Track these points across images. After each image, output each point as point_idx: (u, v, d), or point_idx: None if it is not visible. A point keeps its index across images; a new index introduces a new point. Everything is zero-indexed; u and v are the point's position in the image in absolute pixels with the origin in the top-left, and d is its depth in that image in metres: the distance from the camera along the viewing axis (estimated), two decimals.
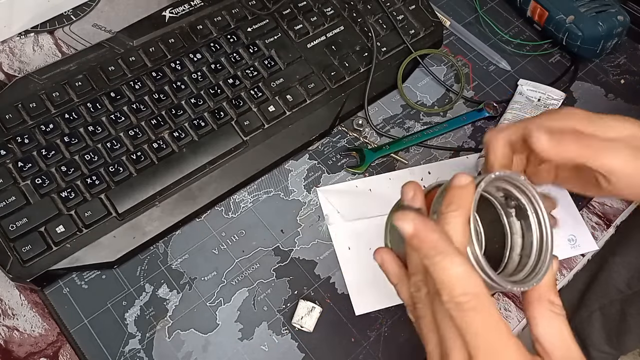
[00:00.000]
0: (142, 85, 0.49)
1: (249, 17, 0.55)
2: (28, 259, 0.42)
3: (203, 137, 0.49)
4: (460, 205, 0.30)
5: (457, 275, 0.28)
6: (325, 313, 0.45)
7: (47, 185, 0.44)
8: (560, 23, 0.60)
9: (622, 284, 0.68)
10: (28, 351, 0.42)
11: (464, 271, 0.28)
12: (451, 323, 0.29)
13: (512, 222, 0.35)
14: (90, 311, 0.43)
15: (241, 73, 0.52)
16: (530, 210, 0.34)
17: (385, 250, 0.36)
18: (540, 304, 0.31)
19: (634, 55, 0.63)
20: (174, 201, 0.47)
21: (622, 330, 0.72)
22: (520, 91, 0.58)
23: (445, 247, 0.28)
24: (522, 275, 0.32)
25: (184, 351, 0.43)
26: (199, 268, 0.46)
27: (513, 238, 0.35)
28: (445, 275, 0.28)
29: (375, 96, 0.56)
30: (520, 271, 0.33)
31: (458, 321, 0.28)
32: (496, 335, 0.28)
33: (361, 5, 0.59)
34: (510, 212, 0.35)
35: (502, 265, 0.35)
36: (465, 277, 0.28)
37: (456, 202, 0.30)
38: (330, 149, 0.53)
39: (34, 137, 0.45)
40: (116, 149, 0.46)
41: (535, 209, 0.33)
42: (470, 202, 0.30)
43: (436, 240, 0.29)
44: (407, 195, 0.33)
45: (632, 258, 0.66)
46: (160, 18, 0.53)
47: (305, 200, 0.50)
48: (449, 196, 0.31)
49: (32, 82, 0.48)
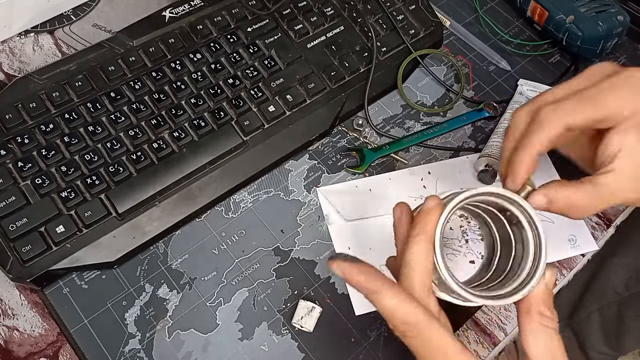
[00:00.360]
0: (142, 85, 0.49)
1: (249, 17, 0.55)
2: (28, 259, 0.42)
3: (203, 137, 0.49)
4: (423, 230, 0.32)
5: (391, 308, 0.29)
6: (325, 313, 0.45)
7: (47, 185, 0.44)
8: (560, 23, 0.60)
9: (621, 286, 0.68)
10: (28, 351, 0.42)
11: (396, 303, 0.29)
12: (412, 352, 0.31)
13: (514, 230, 0.35)
14: (90, 311, 0.43)
15: (241, 73, 0.52)
16: (523, 220, 0.34)
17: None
18: (529, 316, 0.31)
19: (634, 55, 0.63)
20: (174, 201, 0.47)
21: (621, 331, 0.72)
22: (520, 91, 0.58)
23: (374, 285, 0.30)
24: (515, 285, 0.33)
25: (184, 351, 0.43)
26: (199, 268, 0.46)
27: (516, 247, 0.35)
28: (383, 310, 0.30)
29: (375, 96, 0.56)
30: (515, 281, 0.33)
31: (411, 349, 0.30)
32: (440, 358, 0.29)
33: (361, 5, 0.59)
34: (511, 219, 0.35)
35: (504, 275, 0.35)
36: (399, 309, 0.29)
37: (419, 226, 0.32)
38: (330, 149, 0.53)
39: (34, 137, 0.45)
40: (116, 149, 0.46)
41: (528, 220, 0.33)
42: (434, 227, 0.32)
43: (363, 281, 0.30)
44: (395, 214, 0.35)
45: (631, 259, 0.66)
46: (160, 18, 0.53)
47: (305, 200, 0.50)
48: (415, 221, 0.32)
49: (32, 82, 0.48)
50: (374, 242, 0.48)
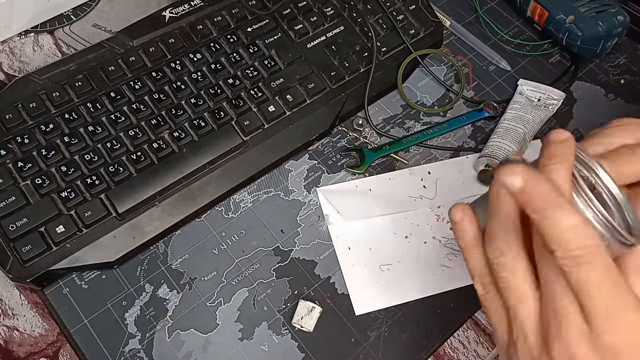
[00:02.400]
0: (142, 85, 0.49)
1: (249, 17, 0.55)
2: (28, 259, 0.42)
3: (203, 137, 0.49)
4: (564, 158, 0.27)
5: (573, 227, 0.25)
6: (325, 313, 0.45)
7: (47, 185, 0.44)
8: (560, 23, 0.60)
9: None
10: (28, 351, 0.42)
11: (579, 223, 0.25)
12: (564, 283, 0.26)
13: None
14: (90, 311, 0.43)
15: (241, 73, 0.52)
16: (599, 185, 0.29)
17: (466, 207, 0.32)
18: None
19: (634, 55, 0.63)
20: (174, 201, 0.47)
21: None
22: (520, 91, 0.58)
23: (557, 199, 0.25)
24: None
25: (184, 351, 0.43)
26: (199, 268, 0.46)
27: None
28: (560, 229, 0.25)
29: (375, 96, 0.56)
30: None
31: (574, 279, 0.25)
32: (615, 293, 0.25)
33: (361, 5, 0.59)
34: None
35: None
36: (581, 230, 0.25)
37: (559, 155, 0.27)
38: (330, 149, 0.53)
39: (34, 137, 0.45)
40: (116, 149, 0.46)
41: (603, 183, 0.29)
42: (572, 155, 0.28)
43: (547, 192, 0.26)
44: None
45: None
46: (160, 18, 0.53)
47: (305, 200, 0.50)
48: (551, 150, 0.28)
49: (32, 82, 0.48)
50: (374, 242, 0.48)
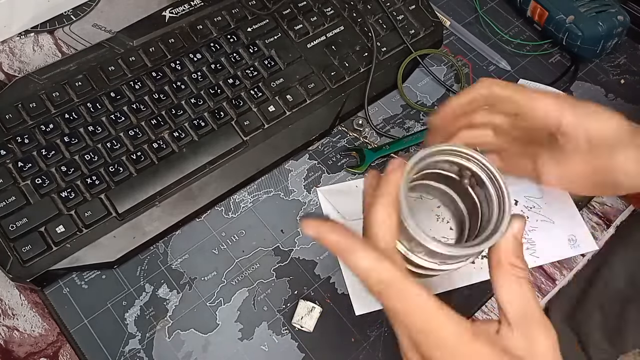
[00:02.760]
0: (142, 85, 0.49)
1: (249, 17, 0.55)
2: (28, 259, 0.42)
3: (203, 137, 0.49)
4: (386, 190, 0.31)
5: (365, 267, 0.28)
6: (325, 313, 0.45)
7: (47, 185, 0.44)
8: (560, 23, 0.60)
9: (621, 284, 0.68)
10: (28, 351, 0.42)
11: (371, 262, 0.28)
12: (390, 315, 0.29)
13: (477, 192, 0.35)
14: (90, 311, 0.43)
15: (241, 73, 0.52)
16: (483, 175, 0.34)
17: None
18: (500, 268, 0.31)
19: (634, 55, 0.63)
20: (174, 201, 0.47)
21: (622, 329, 0.72)
22: None
23: (347, 244, 0.29)
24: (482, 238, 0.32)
25: (184, 351, 0.43)
26: (199, 268, 0.46)
27: (482, 207, 0.35)
28: (358, 270, 0.29)
29: (375, 96, 0.56)
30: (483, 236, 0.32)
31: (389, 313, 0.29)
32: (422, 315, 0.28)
33: (361, 5, 0.59)
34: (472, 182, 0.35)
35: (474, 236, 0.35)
36: (374, 267, 0.28)
37: (382, 187, 0.31)
38: (330, 149, 0.53)
39: (34, 137, 0.45)
40: (116, 149, 0.46)
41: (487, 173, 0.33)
42: (396, 186, 0.31)
43: (336, 241, 0.29)
44: (365, 183, 0.35)
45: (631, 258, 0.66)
46: (160, 18, 0.53)
47: (305, 200, 0.50)
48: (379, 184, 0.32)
49: (32, 82, 0.48)
50: None
